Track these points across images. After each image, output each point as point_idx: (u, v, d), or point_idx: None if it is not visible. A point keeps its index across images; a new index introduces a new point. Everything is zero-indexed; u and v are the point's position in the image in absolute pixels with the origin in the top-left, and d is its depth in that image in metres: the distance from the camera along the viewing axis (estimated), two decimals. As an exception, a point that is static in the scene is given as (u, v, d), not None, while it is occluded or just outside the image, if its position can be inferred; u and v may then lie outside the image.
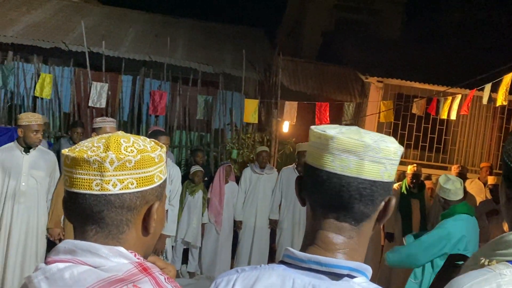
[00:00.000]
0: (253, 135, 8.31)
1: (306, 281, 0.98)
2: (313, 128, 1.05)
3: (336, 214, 1.01)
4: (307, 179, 1.04)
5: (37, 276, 0.84)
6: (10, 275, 4.28)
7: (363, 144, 0.97)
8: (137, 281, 0.85)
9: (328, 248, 1.01)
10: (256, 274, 1.04)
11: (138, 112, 8.50)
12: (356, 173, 0.97)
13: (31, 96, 7.92)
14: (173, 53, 8.72)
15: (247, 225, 6.46)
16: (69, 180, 0.92)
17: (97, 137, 0.96)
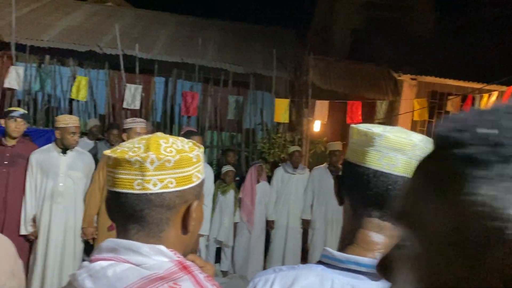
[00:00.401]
0: (283, 135, 8.31)
1: (345, 282, 0.97)
2: (356, 126, 1.05)
3: (379, 213, 1.00)
4: (349, 177, 1.03)
5: (81, 274, 0.86)
6: (50, 274, 4.40)
7: (411, 143, 0.97)
8: (177, 279, 0.87)
9: (368, 248, 0.99)
10: (294, 274, 1.04)
11: (171, 113, 8.62)
12: (403, 172, 0.96)
13: (67, 99, 8.13)
14: (204, 55, 8.80)
15: (279, 225, 6.47)
16: (111, 180, 0.94)
17: (137, 138, 0.99)
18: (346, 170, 1.05)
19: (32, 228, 4.45)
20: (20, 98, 7.95)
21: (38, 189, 4.45)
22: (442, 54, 9.36)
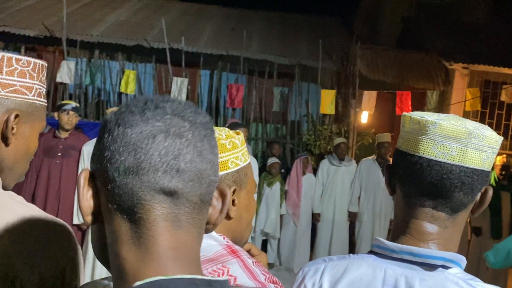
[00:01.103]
0: (330, 127, 8.20)
1: (398, 272, 0.96)
2: (409, 114, 1.02)
3: (433, 202, 0.97)
4: (401, 167, 1.01)
5: None
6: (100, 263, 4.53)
7: (467, 131, 0.94)
8: (226, 262, 0.88)
9: (422, 238, 0.98)
10: (345, 264, 1.03)
11: (216, 106, 8.68)
12: (458, 160, 0.94)
13: (116, 92, 8.34)
14: (249, 46, 8.80)
15: (325, 217, 6.41)
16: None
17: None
18: (398, 159, 1.03)
19: (84, 218, 4.59)
20: (72, 92, 8.21)
21: (90, 181, 4.58)
22: (496, 41, 8.96)
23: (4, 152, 1.02)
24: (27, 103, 1.04)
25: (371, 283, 0.97)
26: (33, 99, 1.05)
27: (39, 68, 1.07)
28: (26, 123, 1.05)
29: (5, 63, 1.01)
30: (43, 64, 1.09)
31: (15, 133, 1.02)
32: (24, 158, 1.08)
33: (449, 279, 0.92)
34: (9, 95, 1.01)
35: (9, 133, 1.01)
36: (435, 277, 0.93)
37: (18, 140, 1.04)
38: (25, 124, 1.05)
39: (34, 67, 1.06)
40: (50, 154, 4.49)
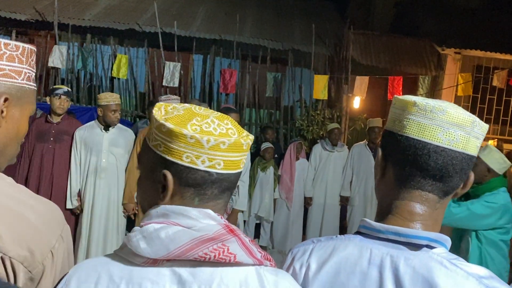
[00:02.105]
0: (323, 112, 8.23)
1: (384, 251, 0.98)
2: (411, 99, 1.03)
3: (431, 186, 1.00)
4: (400, 150, 1.02)
5: (135, 236, 0.90)
6: (94, 247, 4.56)
7: (471, 120, 0.98)
8: (225, 240, 0.91)
9: (410, 219, 1.00)
10: (332, 245, 1.05)
11: (209, 91, 8.67)
12: (462, 148, 0.97)
13: (108, 77, 8.30)
14: (242, 31, 8.76)
15: (316, 202, 6.47)
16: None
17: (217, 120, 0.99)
18: (394, 143, 1.03)
19: (77, 202, 4.61)
20: (64, 76, 8.17)
21: (82, 164, 4.59)
22: (488, 26, 8.99)
23: None
24: (17, 87, 1.05)
25: (357, 262, 0.99)
26: (22, 83, 1.06)
27: (28, 52, 1.08)
28: (16, 107, 1.06)
29: None
30: (32, 48, 1.10)
31: (4, 116, 1.03)
32: (14, 141, 1.09)
33: (434, 258, 0.94)
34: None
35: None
36: (419, 256, 0.94)
37: (8, 123, 1.05)
38: (15, 108, 1.06)
39: (23, 51, 1.07)
40: (42, 139, 4.49)
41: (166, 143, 0.93)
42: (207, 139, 0.92)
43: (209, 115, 0.98)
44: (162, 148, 0.94)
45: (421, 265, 0.93)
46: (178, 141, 0.92)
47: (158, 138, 0.95)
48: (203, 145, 0.92)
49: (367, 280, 0.97)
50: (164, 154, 0.94)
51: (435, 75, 8.60)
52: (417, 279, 0.92)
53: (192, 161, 0.93)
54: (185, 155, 0.93)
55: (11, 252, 0.92)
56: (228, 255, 0.90)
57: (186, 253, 0.87)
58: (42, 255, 0.98)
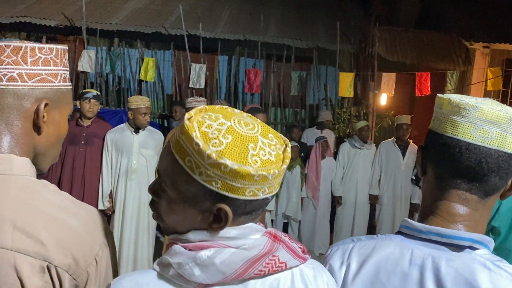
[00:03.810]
0: (348, 110, 8.17)
1: (426, 252, 0.97)
2: (448, 96, 1.02)
3: (467, 185, 0.98)
4: (437, 149, 1.01)
5: (187, 263, 0.87)
6: (126, 247, 4.65)
7: (507, 116, 0.95)
8: (275, 251, 0.90)
9: (451, 220, 0.99)
10: (373, 244, 1.05)
11: (235, 91, 8.71)
12: (497, 145, 0.95)
13: (136, 80, 8.42)
14: (266, 31, 8.77)
15: (347, 200, 6.41)
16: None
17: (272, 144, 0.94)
18: (432, 141, 1.03)
19: (109, 203, 4.71)
20: (93, 80, 8.33)
21: (114, 166, 4.69)
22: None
23: (36, 139, 1.06)
24: (54, 90, 1.06)
25: (398, 262, 0.98)
26: (59, 85, 1.08)
27: (61, 53, 1.09)
28: (55, 110, 1.07)
29: (29, 53, 1.03)
30: (64, 48, 1.11)
31: (46, 121, 1.05)
32: (56, 143, 1.12)
33: (476, 260, 0.92)
34: (37, 85, 1.03)
35: (40, 122, 1.04)
36: (462, 258, 0.93)
37: (49, 127, 1.07)
38: (54, 111, 1.07)
39: (57, 53, 1.08)
40: (73, 142, 4.60)
41: (226, 182, 0.86)
42: (272, 173, 0.88)
43: (256, 136, 0.89)
44: (219, 185, 0.86)
45: (464, 266, 0.92)
46: (243, 180, 0.86)
47: (213, 176, 0.85)
48: (268, 179, 0.88)
49: (408, 281, 0.96)
50: (223, 191, 0.86)
51: (464, 70, 8.44)
52: (459, 281, 0.91)
53: (254, 194, 0.88)
54: (248, 191, 0.87)
55: (56, 261, 0.93)
56: (280, 265, 0.90)
57: (242, 275, 0.87)
58: (86, 263, 0.98)
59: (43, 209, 0.97)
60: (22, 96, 1.02)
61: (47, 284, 0.93)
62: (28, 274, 0.91)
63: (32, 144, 1.06)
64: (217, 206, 0.87)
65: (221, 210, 0.87)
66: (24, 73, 1.02)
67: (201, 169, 0.86)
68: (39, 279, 0.92)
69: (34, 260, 0.92)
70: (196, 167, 0.86)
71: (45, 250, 0.92)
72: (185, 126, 0.88)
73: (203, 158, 0.84)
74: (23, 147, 1.04)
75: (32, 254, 0.92)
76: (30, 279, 0.91)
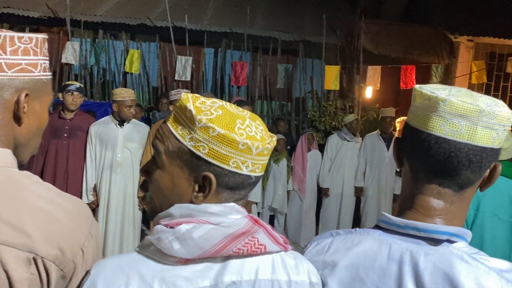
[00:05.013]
0: (334, 102, 8.19)
1: (404, 247, 0.96)
2: (419, 88, 1.01)
3: (440, 180, 0.97)
4: (410, 142, 1.01)
5: (167, 237, 0.89)
6: (111, 241, 4.62)
7: (477, 109, 0.92)
8: (254, 232, 0.93)
9: (427, 214, 0.98)
10: (351, 238, 1.04)
11: (221, 84, 8.68)
12: (467, 138, 0.93)
13: (121, 72, 8.35)
14: (252, 23, 8.74)
15: (334, 192, 6.44)
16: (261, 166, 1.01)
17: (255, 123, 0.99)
18: (407, 134, 1.02)
19: (93, 197, 4.67)
20: (77, 72, 8.23)
21: (98, 159, 4.65)
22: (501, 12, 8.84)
23: (17, 130, 1.04)
24: (35, 80, 1.05)
25: (376, 258, 0.98)
26: (39, 75, 1.06)
27: (41, 42, 1.07)
28: (36, 100, 1.06)
29: (8, 42, 1.01)
30: (44, 37, 1.08)
31: (26, 112, 1.03)
32: (36, 134, 1.10)
33: (454, 253, 0.92)
34: (17, 75, 1.01)
35: (21, 112, 1.02)
36: (440, 251, 0.93)
37: (30, 118, 1.05)
38: (35, 101, 1.06)
39: (36, 42, 1.06)
40: (56, 135, 4.54)
41: (213, 147, 0.91)
42: (256, 146, 0.93)
43: (245, 116, 0.96)
44: (206, 150, 0.91)
45: (442, 260, 0.92)
46: (229, 146, 0.91)
47: (201, 140, 0.92)
48: (252, 151, 0.93)
49: (386, 276, 0.96)
50: (209, 157, 0.92)
51: (448, 63, 8.52)
52: (438, 275, 0.90)
53: (238, 166, 0.93)
54: (232, 161, 0.92)
55: (43, 253, 0.92)
56: (259, 246, 0.92)
57: (220, 251, 0.89)
58: (73, 253, 0.97)
59: (28, 201, 0.95)
60: (2, 86, 1.01)
61: (33, 275, 0.92)
62: (14, 267, 0.90)
63: (13, 135, 1.04)
64: (203, 174, 0.92)
65: (206, 178, 0.92)
66: (3, 62, 1.00)
67: (191, 135, 0.93)
68: (25, 271, 0.91)
69: (20, 252, 0.91)
70: (187, 133, 0.93)
71: (31, 242, 0.91)
72: (181, 99, 0.96)
73: (194, 123, 0.92)
74: (3, 138, 1.02)
75: (18, 246, 0.91)
76: (16, 271, 0.90)
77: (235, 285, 0.91)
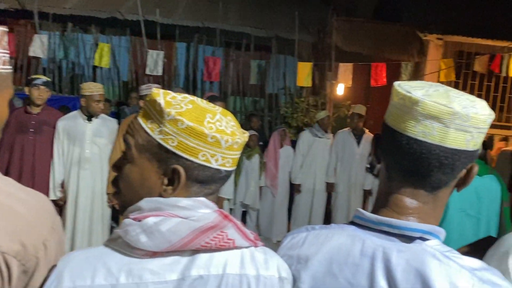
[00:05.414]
0: (307, 99, 8.24)
1: (377, 243, 0.96)
2: (397, 86, 0.98)
3: (412, 179, 0.96)
4: (385, 140, 1.00)
5: (134, 230, 0.89)
6: (79, 238, 4.53)
7: (450, 111, 0.89)
8: (224, 227, 0.92)
9: (401, 212, 0.97)
10: (326, 233, 1.04)
11: (193, 79, 8.62)
12: (439, 140, 0.91)
13: (91, 66, 8.20)
14: (225, 19, 8.70)
15: (305, 188, 6.47)
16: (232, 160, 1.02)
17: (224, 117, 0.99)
18: (383, 132, 1.01)
19: (61, 193, 4.56)
20: (45, 66, 8.04)
21: (65, 155, 4.54)
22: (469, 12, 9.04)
23: None
24: None
25: (349, 253, 0.97)
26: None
27: (0, 35, 1.03)
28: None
29: None
30: (4, 30, 1.04)
31: None
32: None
33: (427, 251, 0.91)
34: None
35: None
36: (412, 249, 0.92)
37: None
38: None
39: None
40: (22, 130, 4.40)
41: (182, 140, 0.91)
42: (226, 139, 0.93)
43: (215, 111, 0.96)
44: (175, 143, 0.92)
45: (414, 257, 0.90)
46: (197, 139, 0.91)
47: (170, 133, 0.92)
48: (221, 145, 0.93)
49: (359, 272, 0.95)
50: (178, 150, 0.92)
51: (418, 61, 8.67)
52: (410, 272, 0.89)
53: (207, 159, 0.93)
54: (201, 154, 0.92)
55: (4, 247, 0.90)
56: (228, 241, 0.92)
57: (188, 244, 0.88)
58: (35, 248, 0.95)
59: None
60: None
61: None
62: None
63: None
64: (172, 167, 0.92)
65: (175, 171, 0.92)
66: None
67: (160, 128, 0.93)
68: None
69: None
70: (156, 126, 0.93)
71: None
72: (152, 93, 0.96)
73: (163, 116, 0.92)
74: None
75: None
76: None
77: (203, 279, 0.91)
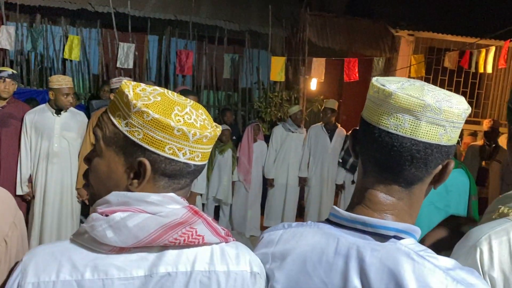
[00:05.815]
0: (280, 94, 8.25)
1: (351, 242, 0.94)
2: (374, 81, 0.98)
3: (386, 174, 0.95)
4: (360, 134, 0.99)
5: (101, 225, 0.87)
6: (48, 234, 4.44)
7: (422, 104, 0.89)
8: (193, 223, 0.91)
9: (375, 208, 0.96)
10: (301, 231, 1.03)
11: (165, 72, 8.52)
12: (410, 133, 0.90)
13: (60, 59, 8.01)
14: (198, 11, 8.62)
15: (279, 183, 6.51)
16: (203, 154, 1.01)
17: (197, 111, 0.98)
18: (360, 127, 1.00)
19: (28, 188, 4.46)
20: (13, 58, 7.83)
21: (33, 149, 4.44)
22: (440, 8, 9.20)
23: None
24: None
25: (324, 252, 0.96)
26: None
27: None
28: None
29: None
30: None
31: None
32: None
33: (401, 250, 0.89)
34: None
35: None
36: (386, 247, 0.90)
37: None
38: None
39: None
40: (-13, 124, 4.30)
41: (148, 132, 0.90)
42: (193, 133, 0.91)
43: (185, 104, 0.95)
44: (141, 136, 0.90)
45: (388, 256, 0.89)
46: (163, 132, 0.90)
47: (136, 125, 0.90)
48: (188, 138, 0.91)
49: (332, 271, 0.94)
50: (143, 142, 0.90)
51: (389, 57, 8.77)
52: (383, 271, 0.88)
53: (174, 153, 0.91)
54: (167, 147, 0.91)
55: None
56: (197, 237, 0.91)
57: (156, 240, 0.87)
58: None
59: None
60: None
61: None
62: None
63: None
64: (137, 160, 0.91)
65: (141, 163, 0.91)
66: None
67: (127, 120, 0.91)
68: None
69: None
70: (123, 118, 0.92)
71: None
72: (121, 85, 0.94)
73: (130, 108, 0.90)
74: None
75: None
76: None
77: (170, 276, 0.90)
